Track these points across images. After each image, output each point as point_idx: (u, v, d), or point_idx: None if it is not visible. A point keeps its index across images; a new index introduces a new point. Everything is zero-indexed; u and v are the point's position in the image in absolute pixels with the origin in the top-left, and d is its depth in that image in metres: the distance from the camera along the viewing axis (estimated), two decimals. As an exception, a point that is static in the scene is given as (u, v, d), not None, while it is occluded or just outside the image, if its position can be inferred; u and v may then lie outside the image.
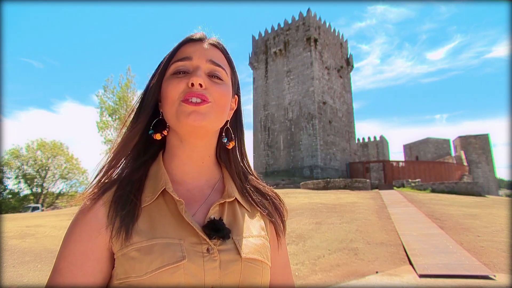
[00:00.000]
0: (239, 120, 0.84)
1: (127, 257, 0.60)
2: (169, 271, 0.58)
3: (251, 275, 0.65)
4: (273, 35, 34.27)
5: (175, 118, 0.67)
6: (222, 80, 0.71)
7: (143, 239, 0.61)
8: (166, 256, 0.59)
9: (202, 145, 0.73)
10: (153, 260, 0.59)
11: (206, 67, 0.70)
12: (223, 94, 0.70)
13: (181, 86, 0.67)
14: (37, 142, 33.59)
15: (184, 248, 0.61)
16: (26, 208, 25.49)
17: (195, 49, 0.71)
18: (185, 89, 0.67)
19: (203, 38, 0.74)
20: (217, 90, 0.69)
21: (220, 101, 0.69)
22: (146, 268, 0.58)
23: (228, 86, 0.73)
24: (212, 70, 0.70)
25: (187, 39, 0.74)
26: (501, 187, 60.26)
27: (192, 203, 0.70)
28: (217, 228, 0.65)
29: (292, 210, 10.76)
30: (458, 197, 16.40)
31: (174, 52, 0.73)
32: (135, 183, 0.69)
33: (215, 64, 0.71)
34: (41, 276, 5.09)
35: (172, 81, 0.68)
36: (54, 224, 9.65)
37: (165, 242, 0.61)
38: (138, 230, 0.62)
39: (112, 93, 25.75)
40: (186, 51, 0.71)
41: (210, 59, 0.71)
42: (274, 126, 32.56)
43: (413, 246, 6.42)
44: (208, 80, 0.69)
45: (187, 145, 0.72)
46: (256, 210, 0.76)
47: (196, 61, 0.70)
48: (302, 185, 22.31)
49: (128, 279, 0.59)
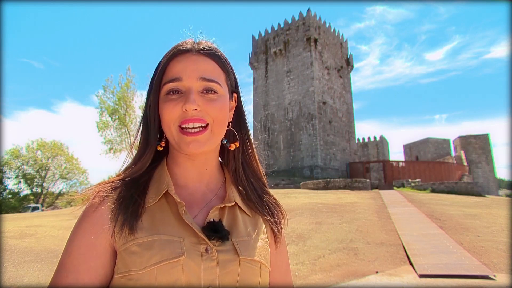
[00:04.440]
0: (242, 119, 0.82)
1: (128, 252, 0.62)
2: (168, 266, 0.60)
3: (249, 276, 0.66)
4: (273, 35, 34.27)
5: (176, 144, 0.69)
6: (217, 93, 0.70)
7: (145, 235, 0.63)
8: (165, 252, 0.61)
9: (205, 155, 0.75)
10: (153, 255, 0.60)
11: (198, 85, 0.68)
12: (219, 109, 0.69)
13: (176, 110, 0.67)
14: (37, 142, 33.64)
15: (183, 245, 0.63)
16: (26, 208, 25.52)
17: (185, 66, 0.69)
18: (181, 114, 0.67)
19: (191, 48, 0.71)
20: (213, 108, 0.69)
21: (218, 117, 0.69)
22: (146, 262, 0.60)
23: (224, 97, 0.72)
24: (205, 87, 0.69)
25: (175, 52, 0.71)
26: (501, 187, 60.23)
27: (194, 206, 0.71)
28: (216, 229, 0.66)
29: (292, 210, 10.76)
30: (458, 197, 16.41)
31: (164, 69, 0.71)
32: (140, 185, 0.71)
33: (207, 80, 0.69)
34: (41, 276, 5.09)
35: (167, 104, 0.68)
36: (54, 224, 9.65)
37: (166, 238, 0.63)
38: (141, 227, 0.64)
39: (112, 93, 25.74)
40: (175, 69, 0.69)
41: (201, 76, 0.68)
42: (274, 126, 32.56)
43: (413, 246, 6.42)
44: (202, 99, 0.68)
45: (189, 157, 0.74)
46: (257, 214, 0.77)
47: (187, 81, 0.68)
48: (302, 185, 22.31)
49: (128, 273, 0.61)
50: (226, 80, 0.75)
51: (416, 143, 48.53)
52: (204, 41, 0.74)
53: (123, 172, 0.74)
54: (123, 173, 0.74)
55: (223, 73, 0.74)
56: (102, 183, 0.72)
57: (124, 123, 25.49)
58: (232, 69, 0.78)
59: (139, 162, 0.73)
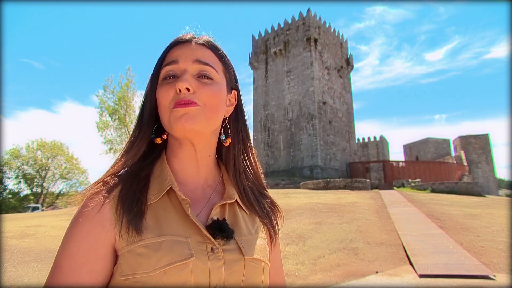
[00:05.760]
0: (241, 116, 0.81)
1: (134, 254, 0.60)
2: (177, 268, 0.59)
3: (253, 275, 0.66)
4: (273, 35, 34.28)
5: (169, 124, 0.68)
6: (212, 79, 0.70)
7: (151, 236, 0.61)
8: (175, 253, 0.59)
9: (201, 145, 0.73)
10: (162, 257, 0.59)
11: (193, 68, 0.69)
12: (213, 94, 0.69)
13: (171, 93, 0.67)
14: (37, 142, 33.64)
15: (191, 246, 0.62)
16: (26, 208, 25.49)
17: (182, 51, 0.70)
18: (175, 96, 0.67)
19: (191, 39, 0.73)
20: (206, 92, 0.68)
21: (210, 103, 0.68)
22: (155, 265, 0.58)
23: (219, 84, 0.71)
24: (200, 70, 0.69)
25: (175, 42, 0.73)
26: (501, 187, 60.23)
27: (196, 203, 0.70)
28: (221, 228, 0.65)
29: (292, 210, 10.76)
30: (458, 197, 16.41)
31: (164, 56, 0.73)
32: (141, 180, 0.69)
33: (203, 63, 0.69)
34: (41, 276, 5.09)
35: (163, 87, 0.69)
36: (54, 224, 9.65)
37: (173, 239, 0.62)
38: (146, 227, 0.63)
39: (112, 93, 25.79)
40: (174, 54, 0.71)
41: (197, 59, 0.69)
42: (274, 126, 32.56)
43: (413, 246, 6.42)
44: (196, 82, 0.68)
45: (186, 147, 0.73)
46: (254, 212, 0.77)
47: (183, 63, 0.69)
48: (302, 185, 22.31)
49: (134, 275, 0.59)
50: (223, 71, 0.75)
51: (416, 143, 48.54)
52: (205, 36, 0.76)
53: (117, 163, 0.72)
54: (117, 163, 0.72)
55: (221, 64, 0.74)
56: (100, 180, 0.69)
57: (124, 123, 25.51)
58: (231, 65, 0.78)
59: (132, 149, 0.72)
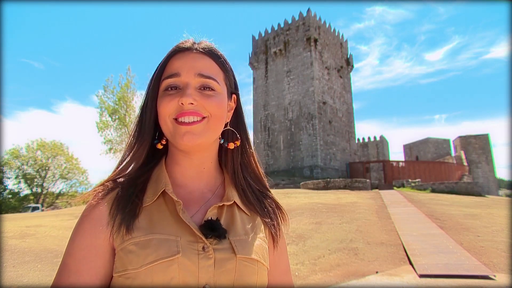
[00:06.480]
0: (240, 119, 0.82)
1: (126, 251, 0.63)
2: (163, 264, 0.60)
3: (246, 274, 0.66)
4: (273, 35, 34.27)
5: (171, 137, 0.70)
6: (215, 90, 0.71)
7: (141, 234, 0.64)
8: (161, 251, 0.61)
9: (202, 153, 0.75)
10: (149, 254, 0.61)
11: (195, 81, 0.70)
12: (216, 105, 0.70)
13: (173, 104, 0.68)
14: (37, 142, 33.65)
15: (180, 244, 0.63)
16: (26, 208, 25.50)
17: (183, 63, 0.71)
18: (177, 108, 0.68)
19: (191, 47, 0.73)
20: (210, 104, 0.69)
21: (214, 113, 0.70)
22: (142, 261, 0.61)
23: (221, 94, 0.72)
24: (202, 83, 0.70)
25: (174, 50, 0.73)
26: (501, 187, 60.21)
27: (192, 205, 0.72)
28: (213, 227, 0.66)
29: (292, 210, 10.76)
30: (458, 197, 16.41)
31: (164, 66, 0.73)
32: (138, 185, 0.72)
33: (205, 77, 0.70)
34: (41, 276, 5.09)
35: (164, 99, 0.70)
36: (54, 224, 9.65)
37: (162, 237, 0.63)
38: (138, 226, 0.65)
39: (112, 93, 25.82)
40: (174, 65, 0.71)
41: (198, 72, 0.70)
42: (274, 126, 32.57)
43: (413, 246, 6.42)
44: (199, 94, 0.69)
45: (187, 155, 0.74)
46: (256, 214, 0.77)
47: (185, 77, 0.69)
48: (302, 185, 22.30)
49: (125, 271, 0.62)
50: (224, 79, 0.75)
51: (416, 143, 48.53)
52: (204, 41, 0.76)
53: (118, 169, 0.74)
54: (118, 170, 0.74)
55: (222, 72, 0.75)
56: (101, 184, 0.72)
57: (124, 123, 25.53)
58: (231, 70, 0.79)
59: (132, 157, 0.74)
